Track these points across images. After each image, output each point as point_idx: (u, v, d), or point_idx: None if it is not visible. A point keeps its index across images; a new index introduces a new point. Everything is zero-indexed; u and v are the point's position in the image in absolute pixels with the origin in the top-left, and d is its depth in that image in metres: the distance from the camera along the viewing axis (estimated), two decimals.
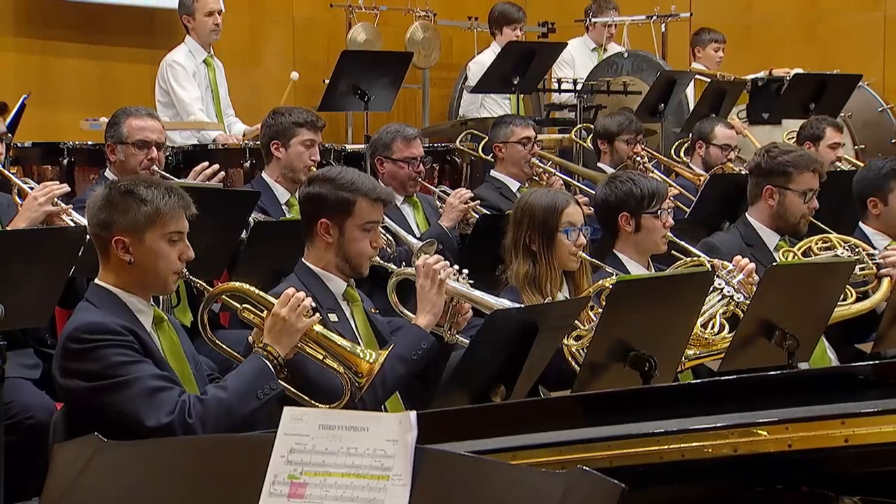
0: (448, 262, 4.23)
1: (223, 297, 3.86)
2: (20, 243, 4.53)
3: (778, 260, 5.42)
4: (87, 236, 4.55)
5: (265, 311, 3.74)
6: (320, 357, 3.75)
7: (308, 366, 3.79)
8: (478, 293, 4.24)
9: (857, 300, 5.24)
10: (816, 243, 5.58)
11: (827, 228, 5.65)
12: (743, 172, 6.49)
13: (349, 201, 4.19)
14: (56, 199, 5.02)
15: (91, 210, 3.75)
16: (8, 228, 4.99)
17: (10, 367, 4.35)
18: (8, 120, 6.30)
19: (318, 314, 3.78)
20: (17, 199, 5.17)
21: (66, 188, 5.08)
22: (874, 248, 5.59)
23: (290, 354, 3.71)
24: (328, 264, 4.23)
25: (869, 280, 5.39)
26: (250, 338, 3.80)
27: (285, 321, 3.68)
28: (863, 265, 5.43)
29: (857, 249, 5.54)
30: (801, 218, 5.58)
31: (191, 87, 7.99)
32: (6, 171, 5.32)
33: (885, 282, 5.38)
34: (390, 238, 5.47)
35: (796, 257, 5.49)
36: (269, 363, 3.65)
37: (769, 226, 5.60)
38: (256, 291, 3.79)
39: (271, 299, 3.75)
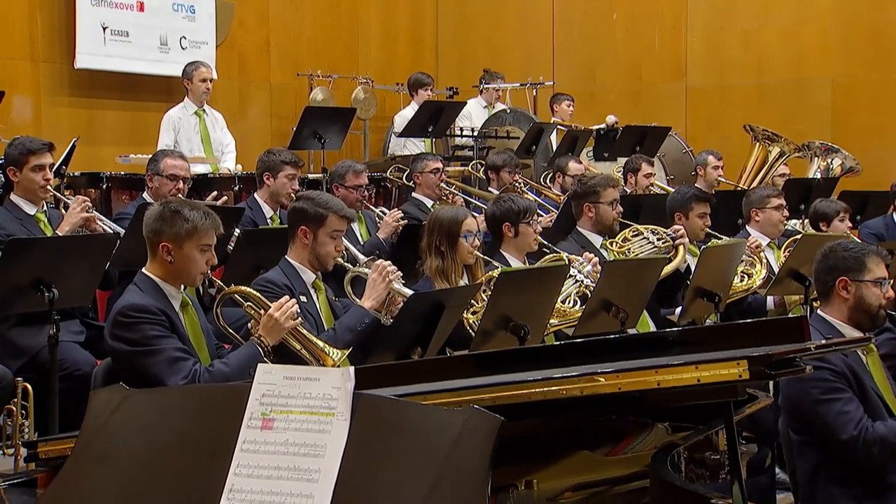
0: (396, 268, 4.20)
1: (234, 295, 3.77)
2: (70, 246, 4.52)
3: (605, 255, 5.45)
4: (119, 241, 4.53)
5: (262, 310, 3.68)
6: (298, 348, 3.69)
7: (289, 354, 3.72)
8: (409, 291, 4.20)
9: (665, 263, 5.27)
10: (629, 233, 5.65)
11: (631, 223, 5.68)
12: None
13: (323, 215, 4.17)
14: (89, 208, 5.02)
15: (147, 220, 3.67)
16: (57, 232, 4.97)
17: (62, 333, 4.32)
18: (62, 157, 6.24)
19: (300, 318, 3.71)
20: (62, 210, 5.13)
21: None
22: None
23: (276, 344, 3.66)
24: (303, 260, 4.19)
25: (668, 250, 5.54)
26: (250, 325, 3.75)
27: (276, 321, 3.64)
28: (664, 240, 5.56)
29: (656, 231, 5.62)
30: (614, 220, 5.61)
31: (167, 137, 7.84)
32: (55, 192, 5.26)
33: (680, 248, 5.57)
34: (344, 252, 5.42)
35: (616, 244, 5.56)
36: (261, 349, 3.62)
37: (593, 231, 5.59)
38: (258, 295, 3.74)
39: (268, 302, 3.69)
